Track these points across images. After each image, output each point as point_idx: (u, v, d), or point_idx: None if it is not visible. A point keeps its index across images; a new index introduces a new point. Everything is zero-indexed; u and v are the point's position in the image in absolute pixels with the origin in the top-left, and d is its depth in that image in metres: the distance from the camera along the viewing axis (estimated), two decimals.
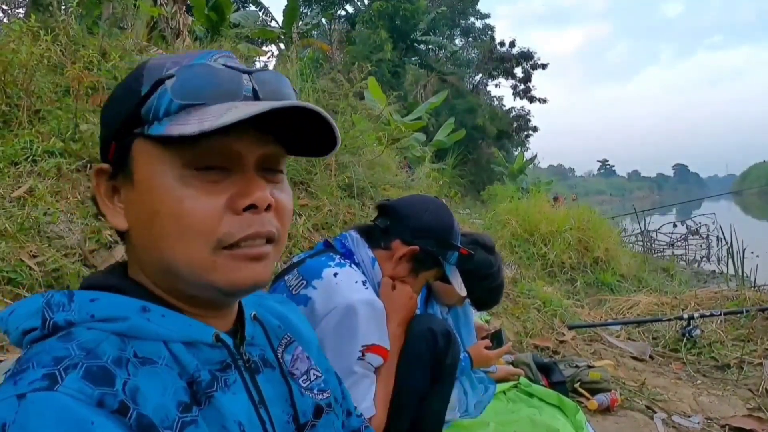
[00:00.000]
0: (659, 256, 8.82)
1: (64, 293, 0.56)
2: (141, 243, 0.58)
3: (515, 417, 2.06)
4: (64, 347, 0.50)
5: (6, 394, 0.45)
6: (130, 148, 0.56)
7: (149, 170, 0.55)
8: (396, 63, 19.41)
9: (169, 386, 0.54)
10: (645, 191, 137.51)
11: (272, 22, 15.10)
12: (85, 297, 0.55)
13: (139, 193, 0.56)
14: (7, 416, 0.43)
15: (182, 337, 0.57)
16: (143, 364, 0.53)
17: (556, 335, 3.50)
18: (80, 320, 0.54)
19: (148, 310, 0.56)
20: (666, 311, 4.12)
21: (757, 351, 3.39)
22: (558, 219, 5.85)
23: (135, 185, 0.56)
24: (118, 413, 0.47)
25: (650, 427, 2.41)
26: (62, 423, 0.43)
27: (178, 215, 0.54)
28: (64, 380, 0.46)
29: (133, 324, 0.55)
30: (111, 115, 0.59)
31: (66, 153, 2.70)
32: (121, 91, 0.59)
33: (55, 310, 0.54)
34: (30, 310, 0.54)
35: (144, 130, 0.55)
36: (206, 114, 0.52)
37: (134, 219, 0.58)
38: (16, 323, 0.55)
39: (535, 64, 23.79)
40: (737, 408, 2.73)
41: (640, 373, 3.09)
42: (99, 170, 0.60)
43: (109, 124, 0.59)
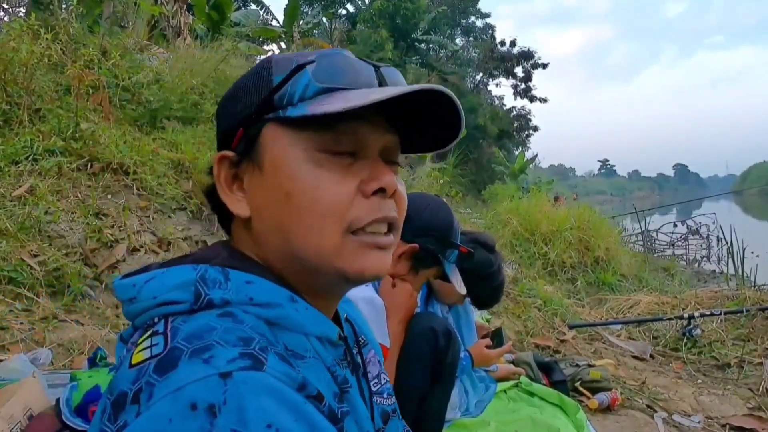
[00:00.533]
0: (660, 256, 8.82)
1: (218, 269, 0.53)
2: (267, 228, 0.57)
3: (516, 416, 2.06)
4: (240, 329, 0.47)
5: (202, 373, 0.41)
6: (259, 134, 0.56)
7: (282, 154, 0.55)
8: (397, 62, 19.40)
9: (322, 378, 0.53)
10: (645, 191, 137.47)
11: (273, 21, 15.08)
12: (240, 278, 0.53)
13: (270, 177, 0.55)
14: (213, 397, 0.39)
15: (319, 331, 0.56)
16: (296, 358, 0.51)
17: (557, 334, 3.51)
18: (237, 301, 0.51)
19: (296, 300, 0.55)
20: (666, 311, 4.12)
21: (757, 350, 3.39)
22: (559, 218, 5.85)
23: (265, 170, 0.56)
24: (316, 400, 0.46)
25: (651, 426, 2.41)
26: (282, 405, 0.41)
27: (313, 196, 0.53)
28: (268, 361, 0.43)
29: (286, 313, 0.53)
30: (239, 104, 0.59)
31: (67, 152, 2.70)
32: (247, 82, 0.59)
33: (210, 286, 0.51)
34: (178, 282, 0.52)
35: (278, 114, 0.55)
36: (349, 96, 0.53)
37: (261, 204, 0.56)
38: (155, 292, 0.52)
39: (536, 64, 23.76)
40: (738, 407, 2.73)
41: (640, 372, 3.10)
42: (222, 157, 0.59)
43: (235, 113, 0.59)
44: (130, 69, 3.85)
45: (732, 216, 13.40)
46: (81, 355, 1.82)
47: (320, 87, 0.54)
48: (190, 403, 0.39)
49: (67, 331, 1.92)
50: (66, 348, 1.84)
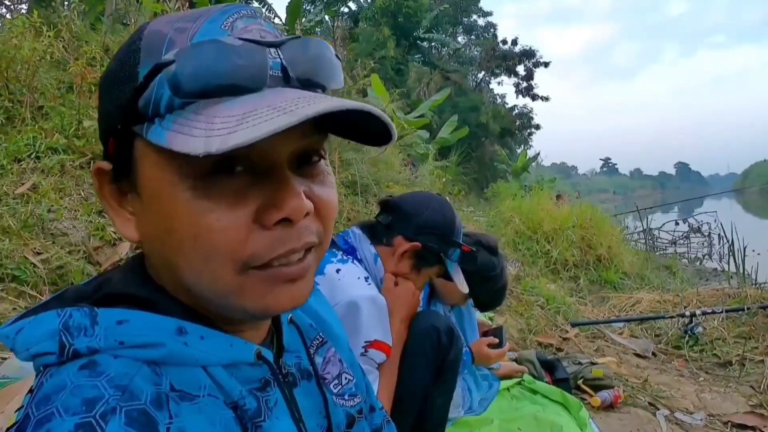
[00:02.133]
0: (661, 254, 8.82)
1: (84, 312, 0.46)
2: (156, 260, 0.49)
3: (519, 414, 2.06)
4: (92, 384, 0.41)
5: None
6: (133, 147, 0.45)
7: (157, 179, 0.44)
8: (399, 60, 19.38)
9: (217, 421, 0.46)
10: (647, 189, 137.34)
11: (275, 19, 15.06)
12: (111, 319, 0.45)
13: (148, 205, 0.46)
14: None
15: (223, 359, 0.49)
16: (182, 399, 0.45)
17: (560, 332, 3.51)
18: (106, 347, 0.44)
19: (185, 332, 0.47)
20: (668, 309, 4.12)
21: (758, 348, 3.38)
22: (561, 217, 5.85)
23: (142, 194, 0.46)
24: None
25: (653, 423, 2.41)
26: None
27: (195, 235, 0.43)
28: (105, 430, 0.38)
29: (169, 351, 0.46)
30: (107, 101, 0.47)
31: (69, 149, 2.70)
32: (116, 67, 0.46)
33: (75, 335, 0.44)
34: (44, 332, 0.45)
35: (143, 130, 0.43)
36: (217, 116, 0.40)
37: (146, 232, 0.48)
38: (25, 345, 0.45)
39: (537, 62, 23.75)
40: (739, 405, 2.73)
41: (642, 370, 3.10)
42: (98, 169, 0.48)
43: (107, 113, 0.47)
44: None
45: (733, 214, 13.38)
46: None
47: (182, 101, 0.41)
48: None
49: None
50: None
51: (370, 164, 4.60)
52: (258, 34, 0.44)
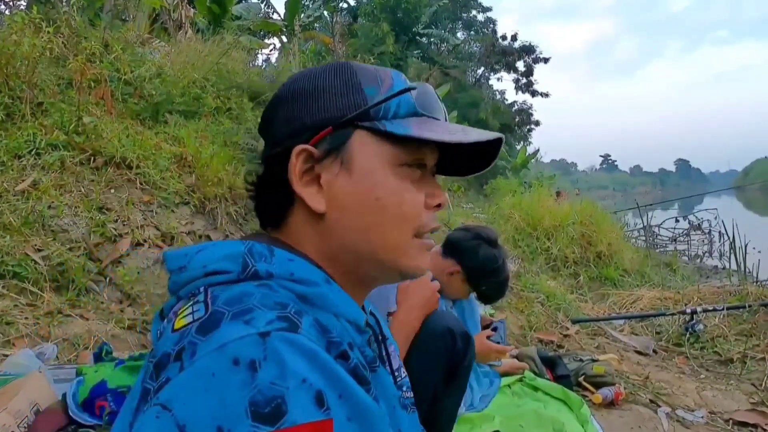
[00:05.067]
0: (662, 251, 8.80)
1: (263, 245, 0.57)
2: (347, 224, 0.61)
3: (521, 410, 2.06)
4: (277, 295, 0.51)
5: (242, 332, 0.44)
6: (350, 138, 0.60)
7: (372, 161, 0.60)
8: (398, 56, 19.32)
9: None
10: (647, 186, 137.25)
11: (274, 15, 15.00)
12: (283, 255, 0.57)
13: (361, 180, 0.60)
14: (254, 353, 0.43)
15: (349, 315, 0.59)
16: (325, 331, 0.52)
17: (560, 329, 3.51)
18: (279, 274, 0.55)
19: (330, 282, 0.59)
20: (669, 306, 4.12)
21: (759, 346, 3.38)
22: (561, 214, 5.85)
23: (354, 173, 0.60)
24: (342, 358, 0.49)
25: (654, 421, 2.41)
26: (314, 364, 0.44)
27: (399, 203, 0.60)
28: (302, 324, 0.47)
29: (321, 291, 0.56)
30: (318, 103, 0.61)
31: (69, 146, 2.69)
32: (332, 84, 0.62)
33: (257, 259, 0.55)
34: (227, 253, 0.55)
35: (374, 124, 0.60)
36: (439, 126, 0.61)
37: (347, 202, 0.60)
38: (205, 261, 0.55)
39: (537, 58, 23.67)
40: (741, 402, 2.73)
41: (643, 367, 3.10)
42: (303, 150, 0.60)
43: (315, 111, 0.61)
44: (131, 63, 3.83)
45: (734, 211, 13.36)
46: (86, 350, 1.82)
47: (417, 111, 0.62)
48: (232, 358, 0.42)
49: (71, 326, 1.92)
50: (71, 343, 1.85)
51: None
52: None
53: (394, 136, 0.59)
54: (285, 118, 0.63)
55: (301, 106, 0.62)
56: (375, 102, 0.60)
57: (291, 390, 0.41)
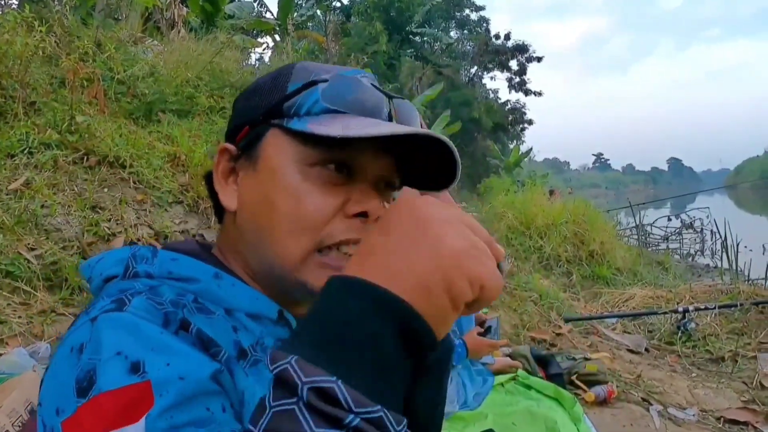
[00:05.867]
0: (654, 250, 8.86)
1: (148, 248, 0.59)
2: (246, 226, 0.60)
3: (513, 409, 2.07)
4: (130, 283, 0.54)
5: (81, 321, 0.49)
6: (263, 136, 0.59)
7: (277, 160, 0.57)
8: (391, 55, 19.32)
9: (223, 332, 0.53)
10: (640, 185, 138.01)
11: (267, 14, 14.96)
12: (167, 255, 0.58)
13: (262, 179, 0.58)
14: (83, 337, 0.46)
15: (247, 308, 0.58)
16: (199, 312, 0.54)
17: (553, 328, 3.52)
18: (158, 274, 0.56)
19: (220, 277, 0.58)
20: (661, 304, 4.15)
21: (751, 344, 3.42)
22: (554, 212, 5.87)
23: (258, 171, 0.58)
24: (182, 329, 0.50)
25: (646, 419, 2.44)
26: (133, 335, 0.45)
27: (294, 205, 0.55)
28: (131, 303, 0.49)
29: (204, 287, 0.56)
30: (251, 103, 0.62)
31: (62, 145, 2.68)
32: (265, 82, 0.62)
33: (138, 262, 0.57)
34: (117, 259, 0.58)
35: (284, 122, 0.57)
36: (350, 122, 0.54)
37: (247, 202, 0.59)
38: (101, 270, 0.58)
39: (530, 57, 23.74)
40: (732, 400, 2.76)
41: (636, 365, 3.12)
42: (224, 149, 0.62)
43: (247, 110, 0.62)
44: (124, 62, 3.82)
45: (726, 210, 13.47)
46: None
47: (325, 107, 0.56)
48: (70, 347, 0.47)
49: (65, 325, 1.91)
50: None
51: None
52: (379, 86, 0.61)
53: (302, 134, 0.55)
54: (231, 117, 0.65)
55: (239, 105, 0.64)
56: (281, 97, 0.59)
57: (102, 361, 0.43)
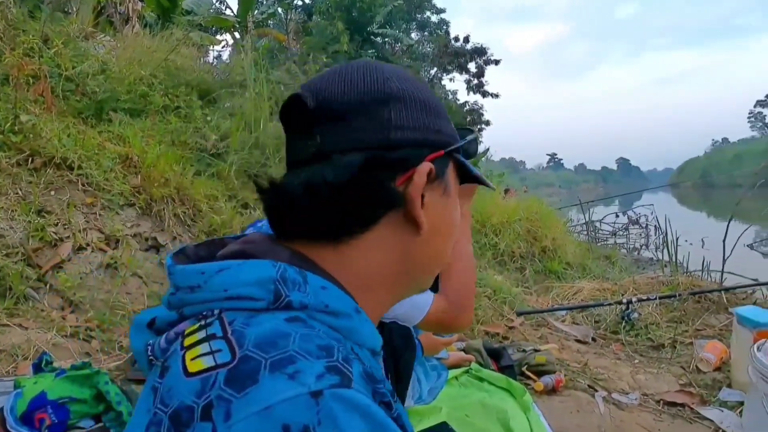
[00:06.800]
0: (603, 245, 9.23)
1: (295, 269, 0.49)
2: (430, 246, 0.59)
3: (467, 401, 2.14)
4: (315, 334, 0.45)
5: (290, 391, 0.38)
6: (448, 164, 0.60)
7: (455, 192, 0.61)
8: (353, 55, 19.25)
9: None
10: (591, 184, 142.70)
11: (227, 10, 14.66)
12: (317, 282, 0.50)
13: (450, 206, 0.60)
14: (307, 418, 0.37)
15: (371, 344, 0.53)
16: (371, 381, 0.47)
17: (506, 322, 3.63)
18: (314, 306, 0.48)
19: (360, 312, 0.52)
20: (607, 296, 4.32)
21: (688, 331, 3.61)
22: (508, 210, 6.04)
23: (449, 198, 0.60)
24: (386, 408, 0.44)
25: (592, 405, 2.55)
26: (368, 421, 0.39)
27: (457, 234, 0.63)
28: (353, 375, 0.42)
29: (353, 325, 0.50)
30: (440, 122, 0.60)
31: (5, 146, 2.58)
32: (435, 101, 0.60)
33: (290, 287, 0.48)
34: (258, 277, 0.47)
35: (460, 159, 0.62)
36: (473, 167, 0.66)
37: (437, 225, 0.58)
38: (227, 285, 0.47)
39: (488, 60, 24.19)
40: (670, 384, 2.90)
41: (583, 354, 3.26)
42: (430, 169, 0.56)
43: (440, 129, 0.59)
44: (74, 58, 3.68)
45: (669, 207, 14.15)
46: (26, 361, 1.76)
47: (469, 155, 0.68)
48: (282, 425, 0.36)
49: (10, 336, 1.86)
50: (9, 354, 1.78)
51: None
52: None
53: (464, 173, 0.63)
54: (404, 123, 0.55)
55: (424, 117, 0.57)
56: (468, 138, 0.65)
57: None
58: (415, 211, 0.54)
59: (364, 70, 0.56)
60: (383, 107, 0.54)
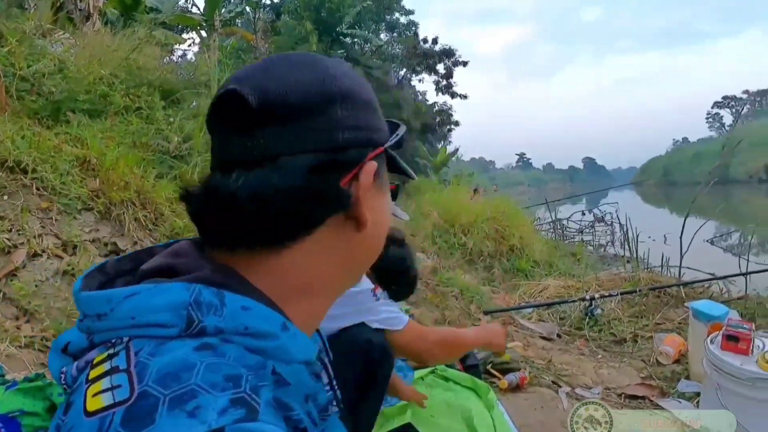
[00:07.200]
0: (570, 243, 9.44)
1: (212, 291, 0.46)
2: (369, 243, 0.59)
3: (432, 401, 2.15)
4: (224, 363, 0.42)
5: (191, 430, 0.35)
6: (384, 159, 0.59)
7: (387, 185, 0.60)
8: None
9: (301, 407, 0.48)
10: (558, 183, 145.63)
11: (193, 8, 14.37)
12: (236, 303, 0.47)
13: (383, 201, 0.59)
14: None
15: (303, 357, 0.51)
16: (279, 385, 0.46)
17: (473, 321, 3.67)
18: (231, 330, 0.45)
19: (287, 328, 0.49)
20: (572, 293, 4.42)
21: (648, 326, 3.71)
22: (477, 210, 6.11)
23: (384, 193, 0.59)
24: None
25: (556, 400, 2.59)
26: None
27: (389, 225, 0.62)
28: (261, 406, 0.39)
29: (279, 343, 0.47)
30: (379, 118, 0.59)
31: None
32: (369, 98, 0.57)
33: (205, 312, 0.44)
34: (168, 303, 0.44)
35: (394, 153, 0.60)
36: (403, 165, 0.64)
37: (377, 220, 0.58)
38: (134, 312, 0.44)
39: (457, 61, 24.44)
40: (632, 377, 2.98)
41: (548, 351, 3.31)
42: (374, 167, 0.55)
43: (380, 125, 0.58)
44: (29, 56, 3.55)
45: (633, 204, 14.59)
46: None
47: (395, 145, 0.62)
48: None
49: None
50: None
51: None
52: None
53: (393, 165, 0.61)
54: (352, 123, 0.53)
55: (364, 114, 0.55)
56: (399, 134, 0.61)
57: None
58: (360, 210, 0.53)
59: (310, 66, 0.53)
60: (331, 107, 0.51)
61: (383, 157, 0.58)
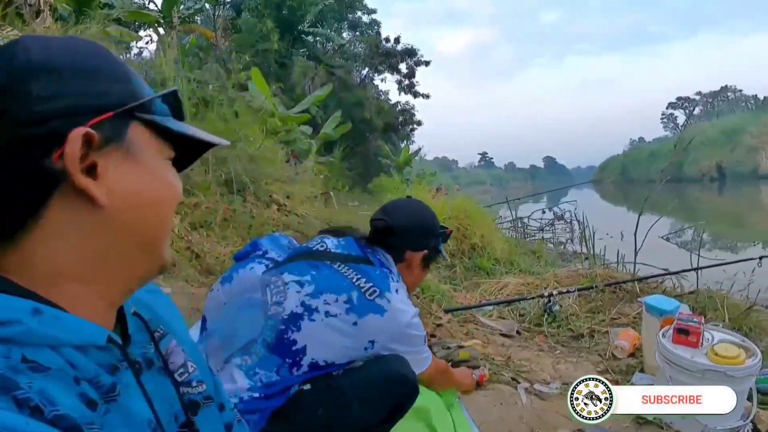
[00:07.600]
0: (531, 240, 9.60)
1: None
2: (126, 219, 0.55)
3: None
4: None
5: None
6: (128, 127, 0.56)
7: (153, 153, 0.58)
8: (283, 54, 18.95)
9: (69, 389, 0.48)
10: (520, 182, 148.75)
11: (150, 4, 13.94)
12: None
13: (144, 171, 0.56)
14: None
15: (75, 340, 0.51)
16: (35, 371, 0.46)
17: (434, 320, 3.65)
18: None
19: (41, 312, 0.49)
20: (531, 290, 4.47)
21: (605, 321, 3.78)
22: (438, 208, 6.12)
23: (138, 163, 0.56)
24: (37, 413, 0.43)
25: (515, 396, 2.61)
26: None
27: (173, 194, 0.60)
28: None
29: (27, 329, 0.48)
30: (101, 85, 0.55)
31: None
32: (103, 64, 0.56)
33: None
34: None
35: (153, 118, 0.57)
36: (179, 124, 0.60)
37: (127, 194, 0.55)
38: None
39: (419, 61, 24.56)
40: (589, 371, 3.01)
41: (507, 348, 3.33)
42: (85, 135, 0.51)
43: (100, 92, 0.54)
44: None
45: (592, 202, 15.02)
46: None
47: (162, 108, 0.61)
48: None
49: None
50: None
51: (248, 161, 4.44)
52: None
53: (165, 132, 0.58)
54: (50, 93, 0.51)
55: (78, 82, 0.53)
56: (149, 96, 0.58)
57: None
58: (79, 183, 0.51)
59: (3, 47, 0.53)
60: (26, 83, 0.50)
61: (126, 123, 0.56)
